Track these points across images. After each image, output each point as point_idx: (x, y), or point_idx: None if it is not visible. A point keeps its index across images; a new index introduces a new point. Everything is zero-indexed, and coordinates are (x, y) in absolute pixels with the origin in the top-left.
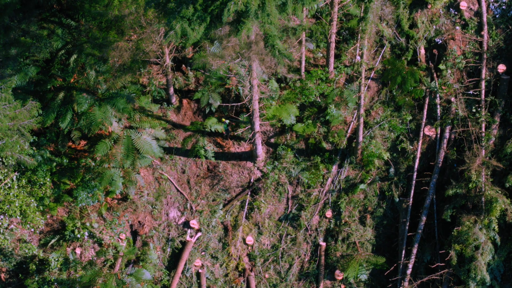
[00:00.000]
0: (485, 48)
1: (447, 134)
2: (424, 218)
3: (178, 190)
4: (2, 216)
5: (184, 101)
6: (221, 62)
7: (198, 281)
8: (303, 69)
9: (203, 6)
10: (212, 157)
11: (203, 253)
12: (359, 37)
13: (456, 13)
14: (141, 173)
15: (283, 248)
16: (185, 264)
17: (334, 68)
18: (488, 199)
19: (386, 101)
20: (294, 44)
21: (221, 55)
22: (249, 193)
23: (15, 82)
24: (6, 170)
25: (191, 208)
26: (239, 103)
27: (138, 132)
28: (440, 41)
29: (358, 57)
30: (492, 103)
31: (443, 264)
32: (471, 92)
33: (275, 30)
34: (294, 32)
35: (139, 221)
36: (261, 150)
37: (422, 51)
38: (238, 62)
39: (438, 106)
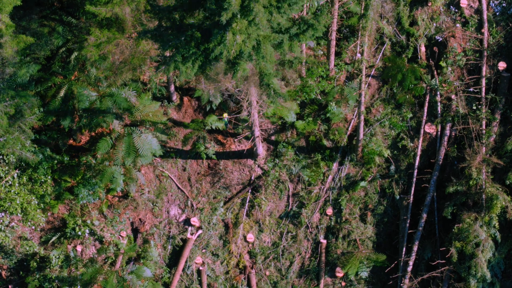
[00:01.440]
0: (486, 45)
1: (447, 132)
2: (424, 216)
3: (178, 188)
4: (3, 214)
5: (185, 98)
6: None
7: (199, 278)
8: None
9: (197, 46)
10: (213, 154)
11: (203, 250)
12: (359, 34)
13: (456, 10)
14: (142, 171)
15: (283, 246)
16: (186, 262)
17: (334, 65)
18: (488, 196)
19: (387, 98)
20: None
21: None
22: (250, 190)
23: (16, 79)
24: (7, 167)
25: (192, 205)
26: (238, 114)
27: (139, 130)
28: (441, 39)
29: (358, 55)
30: (493, 101)
31: (443, 261)
32: (471, 89)
33: (270, 68)
34: (291, 65)
35: (139, 219)
36: (261, 149)
37: (423, 48)
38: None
39: (439, 104)
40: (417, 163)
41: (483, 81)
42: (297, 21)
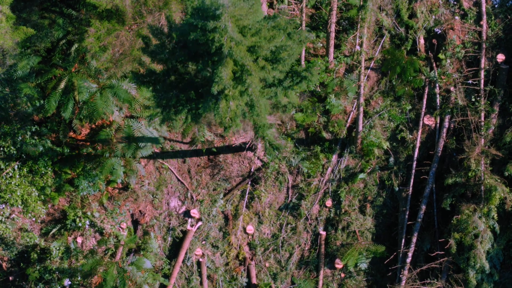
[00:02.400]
0: (484, 37)
1: (446, 124)
2: (423, 207)
3: (178, 180)
4: (3, 205)
5: None
6: None
7: (199, 270)
8: (303, 59)
9: (189, 103)
10: (213, 148)
11: (203, 242)
12: (358, 26)
13: (455, 3)
14: (142, 163)
15: (283, 237)
16: (186, 253)
17: (334, 58)
18: (487, 187)
19: (386, 90)
20: None
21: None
22: (250, 182)
23: (17, 71)
24: (7, 159)
25: (192, 197)
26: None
27: (139, 122)
28: (440, 31)
29: (357, 47)
30: (491, 93)
31: (442, 252)
32: (470, 81)
33: (265, 119)
34: (285, 109)
35: (140, 211)
36: (260, 143)
37: (422, 41)
38: None
39: (438, 96)
40: (416, 155)
41: (482, 73)
42: (290, 74)
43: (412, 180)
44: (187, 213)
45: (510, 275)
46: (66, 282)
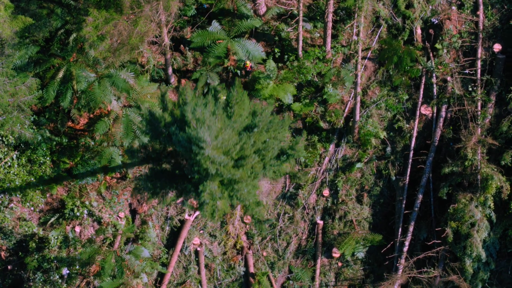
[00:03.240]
0: (481, 27)
1: (443, 113)
2: (420, 196)
3: None
4: (2, 195)
5: (183, 81)
6: None
7: (197, 259)
8: (300, 50)
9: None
10: None
11: (201, 231)
12: (355, 16)
13: None
14: None
15: (280, 227)
16: (184, 243)
17: (331, 48)
18: (483, 176)
19: (383, 80)
20: (291, 23)
21: None
22: None
23: (15, 61)
24: (6, 149)
25: None
26: None
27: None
28: (436, 21)
29: (355, 37)
30: (488, 82)
31: (439, 241)
32: (467, 71)
33: (254, 196)
34: (274, 176)
35: (138, 200)
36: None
37: (419, 31)
38: None
39: (435, 85)
40: (413, 145)
41: (479, 63)
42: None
43: (409, 170)
44: (184, 203)
45: (506, 264)
46: (64, 271)
